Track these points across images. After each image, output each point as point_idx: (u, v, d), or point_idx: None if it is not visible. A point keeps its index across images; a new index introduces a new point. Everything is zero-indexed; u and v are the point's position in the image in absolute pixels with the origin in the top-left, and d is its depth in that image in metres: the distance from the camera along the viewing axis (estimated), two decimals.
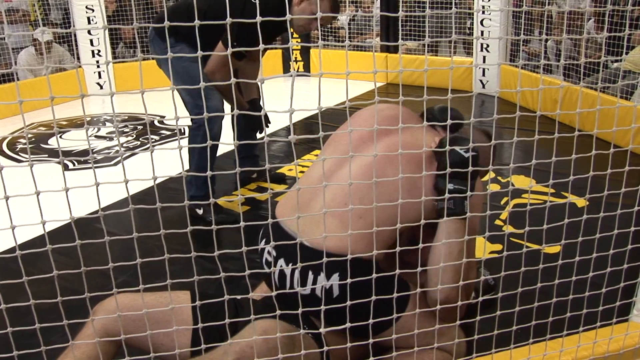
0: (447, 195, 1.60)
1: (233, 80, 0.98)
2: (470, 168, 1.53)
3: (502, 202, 3.28)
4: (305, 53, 7.06)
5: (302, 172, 3.80)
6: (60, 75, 6.43)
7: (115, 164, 4.31)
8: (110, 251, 1.19)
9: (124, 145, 4.80)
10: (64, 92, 6.03)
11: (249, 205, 3.40)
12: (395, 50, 6.56)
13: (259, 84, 1.11)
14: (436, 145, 1.74)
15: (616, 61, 5.12)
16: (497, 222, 3.05)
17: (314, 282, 1.65)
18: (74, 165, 4.36)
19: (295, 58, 7.03)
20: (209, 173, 1.13)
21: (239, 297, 1.68)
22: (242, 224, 1.13)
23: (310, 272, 1.65)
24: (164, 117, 5.42)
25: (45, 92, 5.54)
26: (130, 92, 1.00)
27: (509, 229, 2.88)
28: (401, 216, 1.40)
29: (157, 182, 1.19)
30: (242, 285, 2.29)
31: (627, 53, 4.91)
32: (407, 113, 1.89)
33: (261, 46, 0.99)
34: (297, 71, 7.15)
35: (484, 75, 5.97)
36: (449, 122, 1.36)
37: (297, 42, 6.85)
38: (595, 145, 1.44)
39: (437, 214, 1.70)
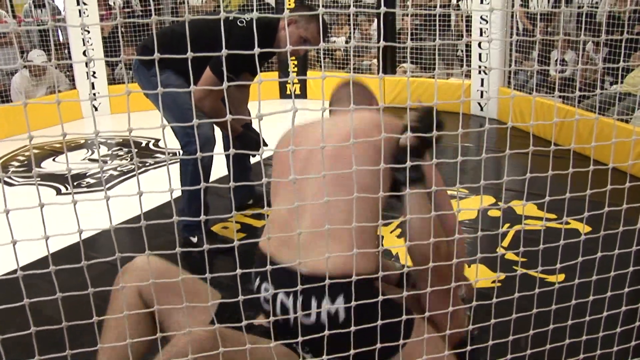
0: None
1: (229, 117, 0.91)
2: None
3: (504, 229, 3.21)
4: (302, 75, 7.02)
5: None
6: (54, 98, 6.37)
7: (109, 189, 4.23)
8: (103, 279, 1.13)
9: (118, 168, 4.72)
10: (58, 114, 5.96)
11: (244, 232, 3.33)
12: (392, 72, 6.53)
13: (249, 109, 1.06)
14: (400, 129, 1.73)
15: (614, 83, 5.08)
16: (500, 249, 2.98)
17: (319, 308, 1.59)
18: (66, 189, 4.28)
19: (292, 80, 6.98)
20: (204, 199, 1.06)
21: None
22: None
23: (313, 299, 1.59)
24: (158, 140, 5.36)
25: (40, 115, 5.49)
26: (119, 127, 0.93)
27: (512, 257, 2.81)
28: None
29: (151, 207, 1.14)
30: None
31: (624, 76, 4.88)
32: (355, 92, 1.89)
33: (258, 78, 0.92)
34: (294, 93, 7.11)
35: (482, 97, 5.93)
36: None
37: (294, 66, 6.83)
38: (610, 177, 1.39)
39: (399, 185, 1.71)
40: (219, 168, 3.08)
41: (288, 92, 6.92)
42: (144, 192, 1.06)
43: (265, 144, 3.36)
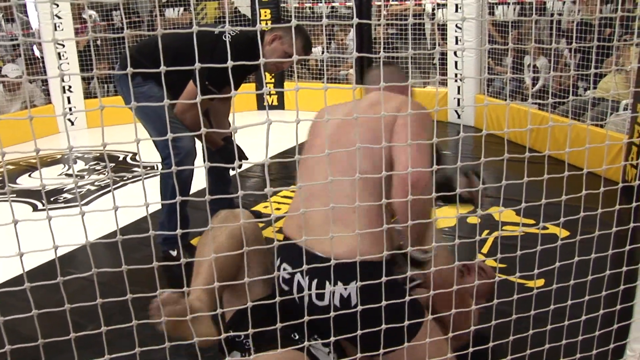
0: None
1: (203, 130, 0.91)
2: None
3: (484, 235, 3.23)
4: (279, 86, 7.03)
5: (277, 208, 3.71)
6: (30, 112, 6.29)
7: (87, 204, 4.19)
8: (80, 295, 1.12)
9: (95, 183, 4.67)
10: (33, 129, 5.89)
11: None
12: None
13: (230, 122, 1.06)
14: None
15: (587, 89, 5.15)
16: (479, 256, 2.99)
17: (332, 293, 1.62)
18: (43, 205, 4.22)
19: (269, 92, 7.00)
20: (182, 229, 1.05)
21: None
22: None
23: (327, 283, 1.61)
24: (136, 154, 5.32)
25: (15, 130, 5.42)
26: (93, 146, 0.92)
27: (490, 263, 2.82)
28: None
29: (130, 221, 1.12)
30: None
31: (597, 81, 4.95)
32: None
33: (234, 92, 0.92)
34: (271, 105, 7.11)
35: (459, 105, 5.98)
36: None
37: (271, 77, 6.84)
38: (585, 181, 1.40)
39: None
40: (200, 181, 3.06)
41: (266, 103, 6.91)
42: (120, 207, 1.05)
43: (244, 157, 3.34)
